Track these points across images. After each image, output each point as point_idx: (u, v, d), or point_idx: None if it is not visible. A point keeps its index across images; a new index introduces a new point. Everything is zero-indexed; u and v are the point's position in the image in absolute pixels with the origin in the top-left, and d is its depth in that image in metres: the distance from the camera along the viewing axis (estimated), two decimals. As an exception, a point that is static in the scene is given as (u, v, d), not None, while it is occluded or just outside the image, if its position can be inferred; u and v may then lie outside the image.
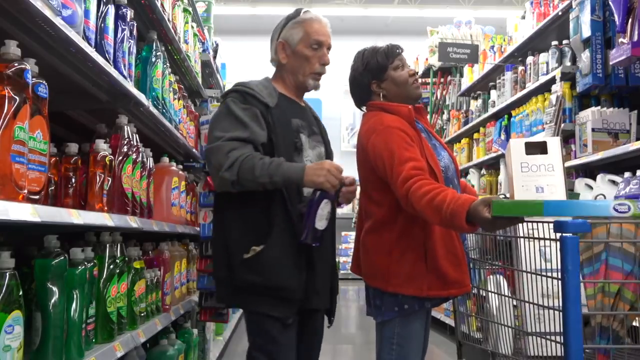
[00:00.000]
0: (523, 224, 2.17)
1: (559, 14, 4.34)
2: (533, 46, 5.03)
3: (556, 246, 1.80)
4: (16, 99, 1.38)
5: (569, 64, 4.24)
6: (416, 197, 1.96)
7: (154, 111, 2.68)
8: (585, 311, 1.94)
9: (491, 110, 5.86)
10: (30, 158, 1.46)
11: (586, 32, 3.72)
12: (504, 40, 6.25)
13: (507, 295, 2.30)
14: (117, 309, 2.13)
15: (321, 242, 2.15)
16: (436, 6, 13.33)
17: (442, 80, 7.87)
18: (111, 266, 2.12)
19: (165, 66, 2.99)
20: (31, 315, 1.62)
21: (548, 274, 1.95)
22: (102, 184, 2.01)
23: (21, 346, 1.45)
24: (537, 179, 2.40)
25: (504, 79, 5.56)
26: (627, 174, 3.32)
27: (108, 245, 2.13)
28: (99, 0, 2.04)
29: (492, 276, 2.44)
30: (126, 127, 2.29)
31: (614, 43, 3.38)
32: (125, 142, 2.24)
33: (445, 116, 7.74)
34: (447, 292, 2.17)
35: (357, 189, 2.28)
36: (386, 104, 2.27)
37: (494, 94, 5.91)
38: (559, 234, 1.81)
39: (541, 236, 2.03)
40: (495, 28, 7.55)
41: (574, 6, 3.98)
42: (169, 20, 3.16)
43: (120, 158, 2.19)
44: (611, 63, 3.38)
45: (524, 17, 5.38)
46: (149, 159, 2.58)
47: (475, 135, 6.51)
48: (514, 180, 2.48)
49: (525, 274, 2.15)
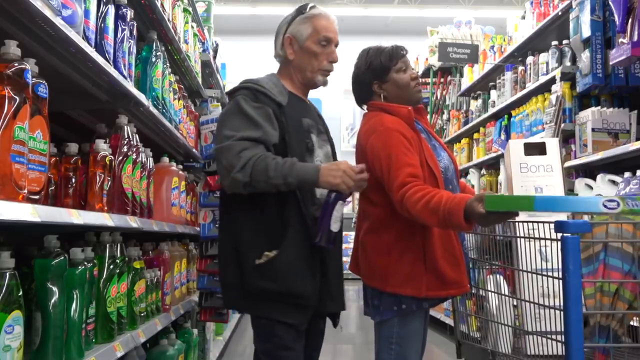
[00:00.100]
0: (523, 224, 2.18)
1: (559, 14, 4.34)
2: (533, 46, 5.02)
3: (557, 246, 1.80)
4: (16, 99, 1.38)
5: (569, 64, 4.24)
6: (411, 202, 1.99)
7: (154, 111, 2.68)
8: (584, 310, 1.95)
9: (491, 110, 5.86)
10: (30, 158, 1.46)
11: (586, 32, 3.72)
12: (504, 40, 6.25)
13: (506, 294, 2.31)
14: (117, 309, 2.13)
15: (335, 245, 2.09)
16: (436, 6, 13.34)
17: (442, 80, 7.87)
18: (111, 266, 2.12)
19: (165, 66, 2.99)
20: (31, 315, 1.62)
21: (547, 273, 1.96)
22: (102, 184, 2.01)
23: (21, 346, 1.45)
24: (535, 179, 2.40)
25: (504, 79, 5.56)
26: (627, 174, 3.32)
27: (108, 245, 2.13)
28: (99, 0, 2.04)
29: (491, 276, 2.44)
30: (126, 127, 2.29)
31: (614, 43, 3.38)
32: (125, 142, 2.24)
33: (445, 116, 7.73)
34: (445, 292, 2.17)
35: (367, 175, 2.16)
36: (386, 104, 2.27)
37: (494, 94, 5.91)
38: (557, 234, 1.81)
39: (540, 236, 2.03)
40: (495, 28, 7.55)
41: (574, 6, 3.98)
42: (169, 20, 3.16)
43: (120, 158, 2.19)
44: (611, 63, 3.38)
45: (524, 17, 5.37)
46: (149, 159, 2.58)
47: (475, 135, 6.51)
48: (513, 180, 2.48)
49: (525, 274, 2.15)
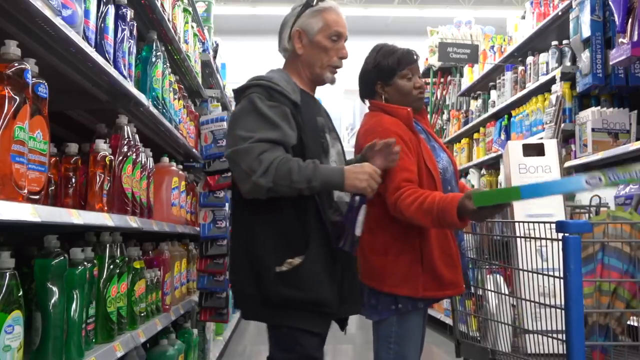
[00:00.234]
0: (522, 224, 2.18)
1: (559, 14, 4.34)
2: (533, 46, 5.03)
3: (557, 246, 1.81)
4: (16, 99, 1.38)
5: (569, 64, 4.24)
6: (405, 204, 2.03)
7: (154, 111, 2.68)
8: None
9: (491, 110, 5.86)
10: (30, 158, 1.46)
11: (586, 32, 3.72)
12: (504, 40, 6.25)
13: (506, 294, 2.31)
14: (117, 309, 2.13)
15: (355, 249, 2.02)
16: (436, 6, 13.33)
17: (442, 80, 7.87)
18: (111, 266, 2.12)
19: (165, 66, 2.99)
20: (31, 315, 1.62)
21: (547, 273, 1.96)
22: (102, 184, 2.01)
23: (21, 346, 1.45)
24: (534, 180, 2.40)
25: (504, 79, 5.56)
26: (626, 174, 3.32)
27: (108, 245, 2.13)
28: (99, 0, 2.04)
29: (490, 275, 2.45)
30: (126, 127, 2.29)
31: (614, 43, 3.39)
32: (125, 142, 2.25)
33: (445, 116, 7.73)
34: (442, 293, 2.19)
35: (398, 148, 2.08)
36: (386, 105, 2.28)
37: (494, 94, 5.91)
38: (555, 235, 1.82)
39: (539, 236, 2.04)
40: (495, 28, 7.55)
41: (574, 6, 3.98)
42: (169, 20, 3.16)
43: (120, 158, 2.19)
44: (611, 63, 3.38)
45: (524, 17, 5.38)
46: (149, 159, 2.59)
47: (475, 135, 6.51)
48: (512, 181, 2.49)
49: (524, 274, 2.16)
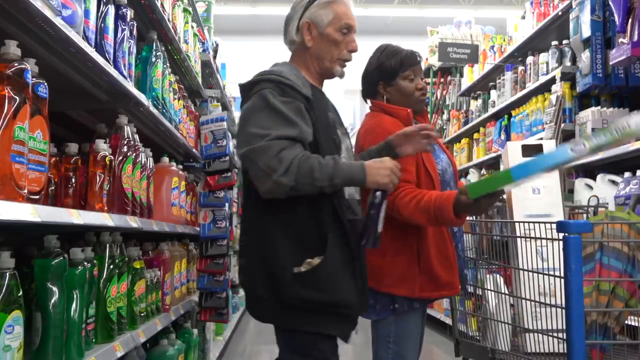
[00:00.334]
0: (521, 224, 2.18)
1: (559, 14, 4.34)
2: (533, 46, 5.03)
3: (555, 246, 1.81)
4: (16, 99, 1.38)
5: (569, 64, 4.24)
6: (402, 203, 2.04)
7: (154, 111, 2.68)
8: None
9: (491, 110, 5.86)
10: (30, 158, 1.46)
11: (586, 32, 3.72)
12: (504, 40, 6.25)
13: (506, 293, 2.31)
14: (117, 309, 2.13)
15: (378, 246, 1.94)
16: (436, 6, 13.34)
17: (442, 80, 7.87)
18: (111, 266, 2.12)
19: (165, 66, 2.99)
20: (31, 315, 1.62)
21: (547, 272, 1.96)
22: (102, 184, 2.01)
23: (21, 346, 1.45)
24: (533, 180, 2.41)
25: (504, 79, 5.56)
26: (627, 174, 3.32)
27: (108, 245, 2.13)
28: (99, 0, 2.04)
29: (490, 275, 2.45)
30: (126, 127, 2.29)
31: (614, 43, 3.39)
32: (125, 142, 2.24)
33: (445, 116, 7.74)
34: (438, 293, 2.20)
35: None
36: (387, 105, 2.29)
37: (494, 94, 5.91)
38: (554, 235, 1.82)
39: (538, 236, 2.04)
40: (495, 28, 7.55)
41: (574, 6, 3.98)
42: (169, 20, 3.16)
43: (120, 158, 2.19)
44: (611, 63, 3.39)
45: (524, 17, 5.38)
46: (149, 159, 2.58)
47: (475, 135, 6.51)
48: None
49: (523, 273, 2.16)
